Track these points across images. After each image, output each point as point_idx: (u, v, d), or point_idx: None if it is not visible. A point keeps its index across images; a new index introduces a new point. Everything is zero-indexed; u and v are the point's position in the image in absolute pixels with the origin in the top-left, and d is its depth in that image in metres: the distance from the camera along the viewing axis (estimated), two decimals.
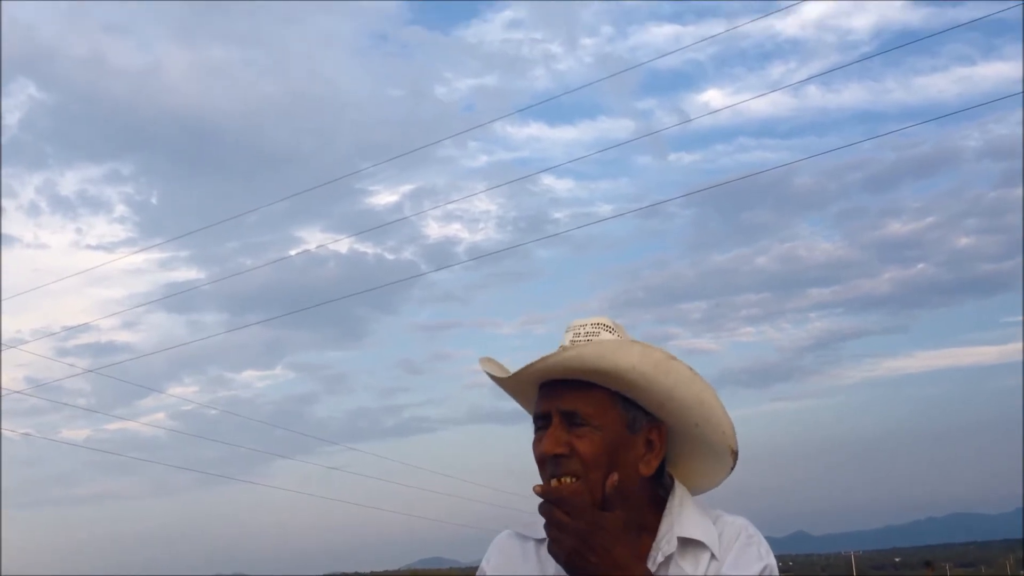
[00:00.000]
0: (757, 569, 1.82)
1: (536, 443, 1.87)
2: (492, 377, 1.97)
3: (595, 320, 1.94)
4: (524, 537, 1.96)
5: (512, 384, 1.95)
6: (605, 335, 1.91)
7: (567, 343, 1.91)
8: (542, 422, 1.87)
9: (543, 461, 1.84)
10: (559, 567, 1.80)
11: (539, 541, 1.91)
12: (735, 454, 1.93)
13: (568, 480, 1.80)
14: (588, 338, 1.90)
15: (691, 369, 1.87)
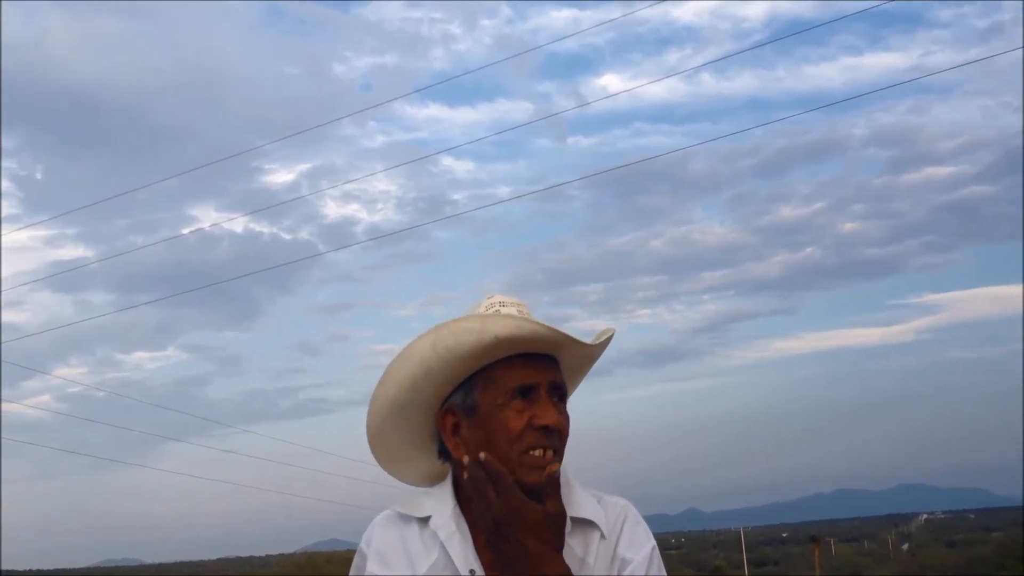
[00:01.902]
0: (648, 548, 1.87)
1: (518, 412, 1.81)
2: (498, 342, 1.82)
3: (517, 300, 1.94)
4: (407, 517, 1.90)
5: (499, 348, 1.84)
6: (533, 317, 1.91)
7: (514, 312, 1.88)
8: (529, 393, 1.83)
9: (525, 431, 1.80)
10: (443, 549, 1.80)
11: (422, 521, 1.87)
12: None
13: (550, 454, 1.81)
14: (525, 315, 1.89)
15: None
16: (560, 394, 1.87)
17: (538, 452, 1.79)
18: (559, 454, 1.82)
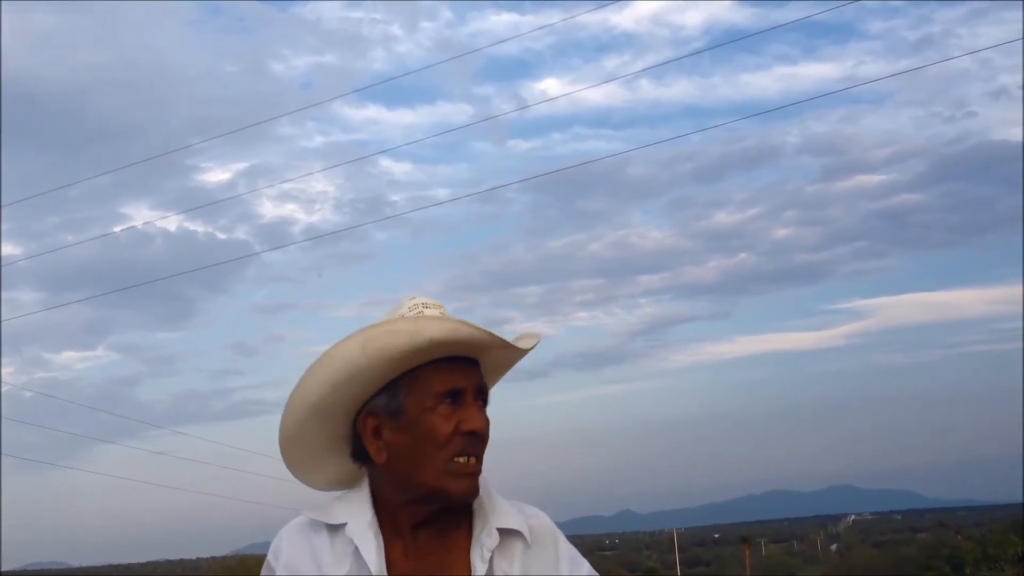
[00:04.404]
0: (587, 569, 1.86)
1: (444, 418, 1.76)
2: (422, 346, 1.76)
3: (437, 303, 1.88)
4: (317, 524, 1.83)
5: (416, 355, 1.77)
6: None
7: (437, 314, 1.83)
8: (457, 397, 1.78)
9: (453, 436, 1.76)
10: (355, 559, 1.76)
11: (333, 528, 1.81)
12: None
13: (474, 460, 1.77)
14: (447, 317, 1.84)
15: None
16: (484, 398, 1.83)
17: (463, 459, 1.75)
18: (480, 461, 1.79)
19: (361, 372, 1.78)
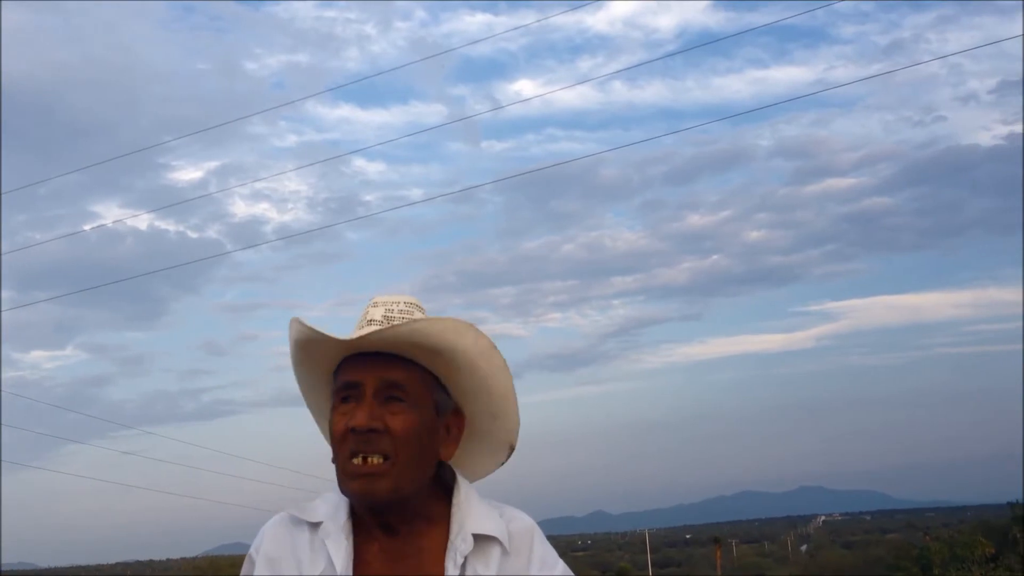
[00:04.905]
0: (561, 569, 1.83)
1: (341, 415, 1.74)
2: (298, 346, 1.83)
3: (406, 298, 1.84)
4: (299, 521, 1.82)
5: (316, 354, 1.81)
6: (418, 314, 1.81)
7: (379, 317, 1.79)
8: (352, 392, 1.75)
9: (347, 435, 1.72)
10: (331, 555, 1.75)
11: (313, 525, 1.80)
12: (512, 450, 1.91)
13: (376, 460, 1.70)
14: (403, 316, 1.79)
15: (505, 362, 1.82)
16: (394, 392, 1.74)
17: (357, 459, 1.71)
18: (394, 461, 1.71)
19: (297, 371, 1.88)
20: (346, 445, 1.72)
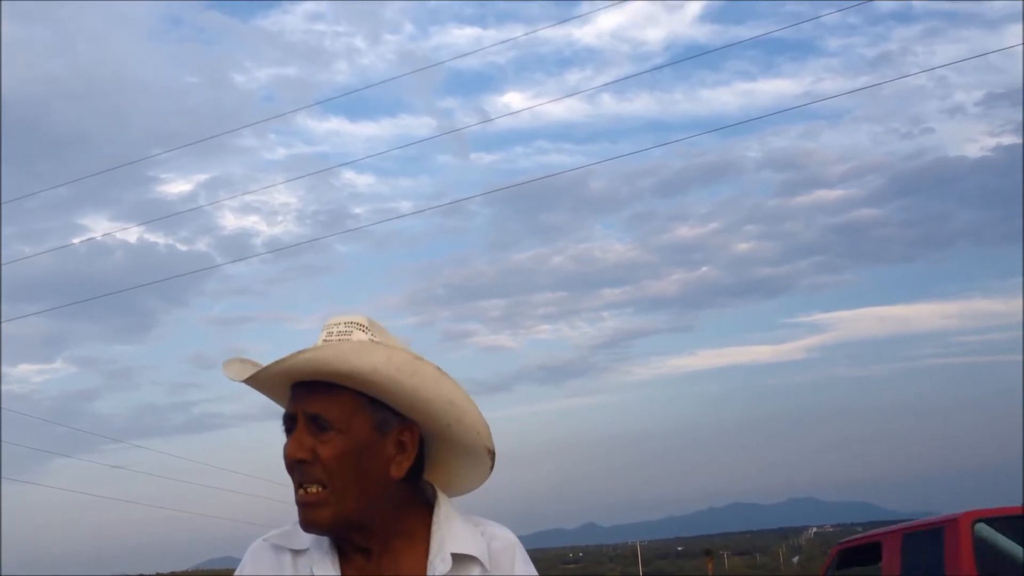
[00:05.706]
0: None
1: (286, 447, 1.75)
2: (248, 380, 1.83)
3: (350, 319, 1.82)
4: (280, 547, 1.81)
5: (264, 386, 1.83)
6: (358, 335, 1.79)
7: (320, 342, 1.79)
8: (290, 423, 1.76)
9: (290, 467, 1.74)
10: None
11: (295, 552, 1.80)
12: (492, 453, 1.87)
13: (315, 489, 1.71)
14: (340, 338, 1.78)
15: (439, 369, 1.78)
16: (319, 422, 1.73)
17: (301, 491, 1.73)
18: (332, 488, 1.71)
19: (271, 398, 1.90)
20: (293, 476, 1.75)
